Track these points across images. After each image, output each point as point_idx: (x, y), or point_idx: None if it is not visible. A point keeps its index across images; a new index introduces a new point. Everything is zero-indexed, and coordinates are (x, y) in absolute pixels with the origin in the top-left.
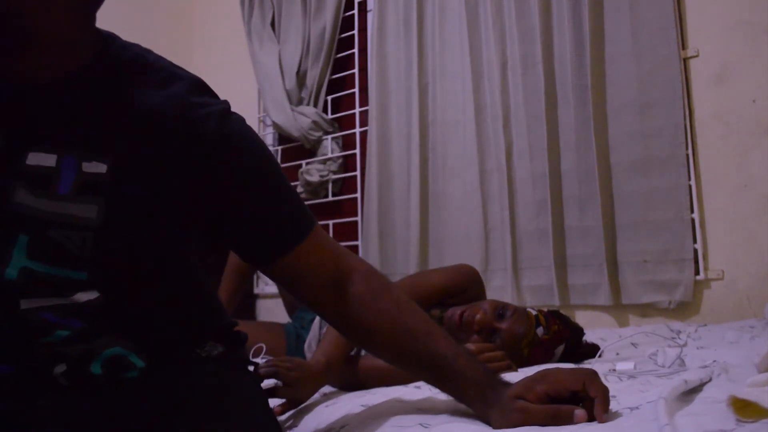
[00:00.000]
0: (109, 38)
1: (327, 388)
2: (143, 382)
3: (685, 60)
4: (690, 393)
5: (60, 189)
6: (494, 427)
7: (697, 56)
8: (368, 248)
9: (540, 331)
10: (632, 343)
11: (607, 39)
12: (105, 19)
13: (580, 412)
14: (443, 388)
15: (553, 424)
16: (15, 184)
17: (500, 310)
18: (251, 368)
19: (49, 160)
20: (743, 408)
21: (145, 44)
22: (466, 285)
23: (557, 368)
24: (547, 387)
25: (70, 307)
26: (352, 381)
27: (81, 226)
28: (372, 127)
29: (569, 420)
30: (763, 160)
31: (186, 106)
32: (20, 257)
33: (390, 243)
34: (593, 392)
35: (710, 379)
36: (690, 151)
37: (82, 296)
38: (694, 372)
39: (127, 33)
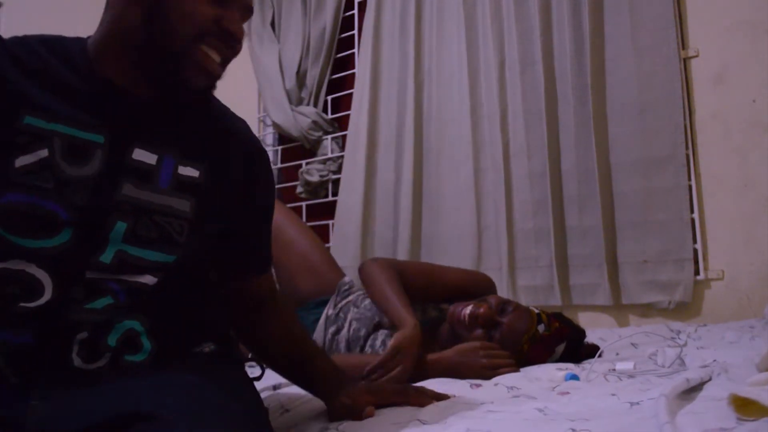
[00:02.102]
0: None
1: None
2: (147, 367)
3: (685, 60)
4: (690, 392)
5: (161, 184)
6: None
7: (697, 56)
8: (361, 245)
9: (541, 328)
10: (632, 344)
11: (607, 39)
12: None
13: (369, 410)
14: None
15: (347, 418)
16: (121, 179)
17: (503, 305)
18: (249, 366)
19: (150, 158)
20: (744, 406)
21: None
22: (478, 294)
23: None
24: (376, 398)
25: (131, 284)
26: None
27: (180, 216)
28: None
29: (358, 416)
30: (763, 160)
31: (251, 137)
32: (116, 242)
33: (380, 240)
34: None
35: (710, 378)
36: (690, 151)
37: (149, 279)
38: (695, 371)
39: None
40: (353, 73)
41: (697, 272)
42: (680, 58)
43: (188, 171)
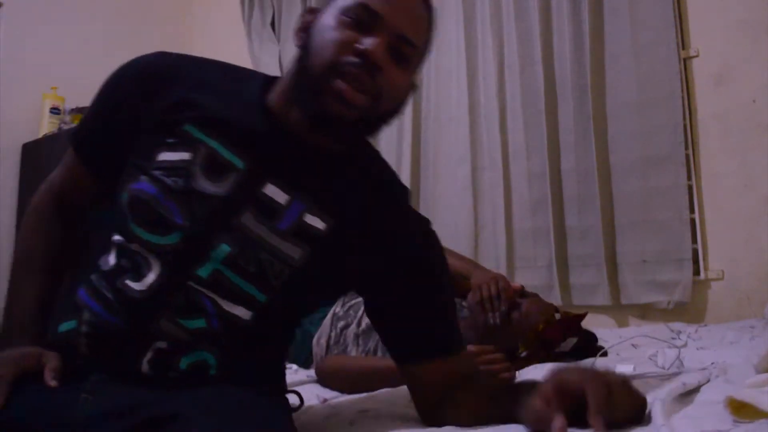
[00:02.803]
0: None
1: (328, 392)
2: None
3: (685, 60)
4: (687, 395)
5: (280, 225)
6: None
7: (697, 56)
8: None
9: (557, 315)
10: (632, 345)
11: (607, 38)
12: (105, 20)
13: (558, 421)
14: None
15: (538, 428)
16: (245, 207)
17: (521, 290)
18: (288, 396)
19: (281, 197)
20: (740, 409)
21: (144, 44)
22: None
23: (567, 367)
24: (552, 384)
25: (226, 313)
26: None
27: (284, 261)
28: None
29: (546, 427)
30: (763, 160)
31: (403, 208)
32: (216, 261)
33: None
34: (588, 395)
35: (708, 381)
36: (690, 151)
37: (243, 312)
38: (693, 375)
39: (127, 33)
40: None
41: (696, 272)
42: (680, 58)
43: (315, 221)
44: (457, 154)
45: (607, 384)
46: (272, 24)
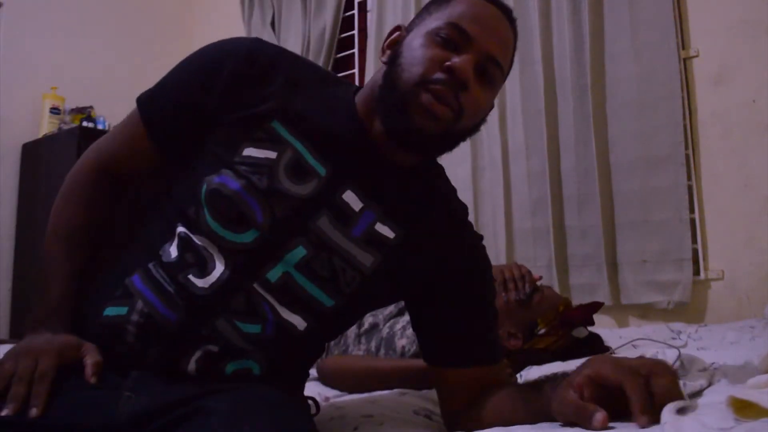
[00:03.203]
0: None
1: (330, 391)
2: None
3: (685, 60)
4: (689, 397)
5: (354, 232)
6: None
7: (697, 56)
8: None
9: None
10: (633, 345)
11: (607, 38)
12: (105, 20)
13: (599, 414)
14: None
15: (575, 421)
16: (323, 212)
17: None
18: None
19: (357, 204)
20: (742, 408)
21: (144, 44)
22: None
23: (604, 357)
24: (587, 376)
25: (283, 321)
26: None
27: (357, 268)
28: None
29: (585, 421)
30: (763, 160)
31: (462, 223)
32: (288, 264)
33: None
34: (628, 391)
35: (710, 384)
36: (690, 151)
37: (299, 321)
38: (694, 377)
39: (127, 33)
40: (353, 73)
41: (696, 272)
42: (680, 58)
43: (385, 230)
44: (458, 153)
45: (644, 376)
46: (272, 24)
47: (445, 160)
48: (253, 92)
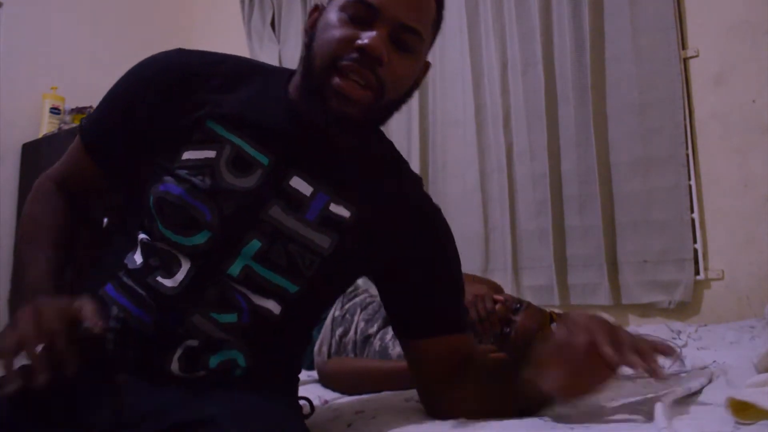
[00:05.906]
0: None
1: (329, 394)
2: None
3: (685, 60)
4: (689, 396)
5: (308, 216)
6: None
7: (697, 56)
8: None
9: (554, 326)
10: None
11: (608, 39)
12: (105, 20)
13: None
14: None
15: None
16: (272, 201)
17: (516, 304)
18: (301, 402)
19: (306, 189)
20: (742, 410)
21: (145, 44)
22: None
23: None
24: (547, 349)
25: (258, 307)
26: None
27: (315, 251)
28: None
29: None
30: (763, 160)
31: (417, 195)
32: (246, 257)
33: None
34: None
35: (710, 382)
36: (690, 151)
37: (274, 305)
38: (694, 376)
39: (128, 33)
40: None
41: (697, 272)
42: (680, 58)
43: (340, 210)
44: (466, 157)
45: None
46: (272, 24)
47: (454, 165)
48: (183, 101)
